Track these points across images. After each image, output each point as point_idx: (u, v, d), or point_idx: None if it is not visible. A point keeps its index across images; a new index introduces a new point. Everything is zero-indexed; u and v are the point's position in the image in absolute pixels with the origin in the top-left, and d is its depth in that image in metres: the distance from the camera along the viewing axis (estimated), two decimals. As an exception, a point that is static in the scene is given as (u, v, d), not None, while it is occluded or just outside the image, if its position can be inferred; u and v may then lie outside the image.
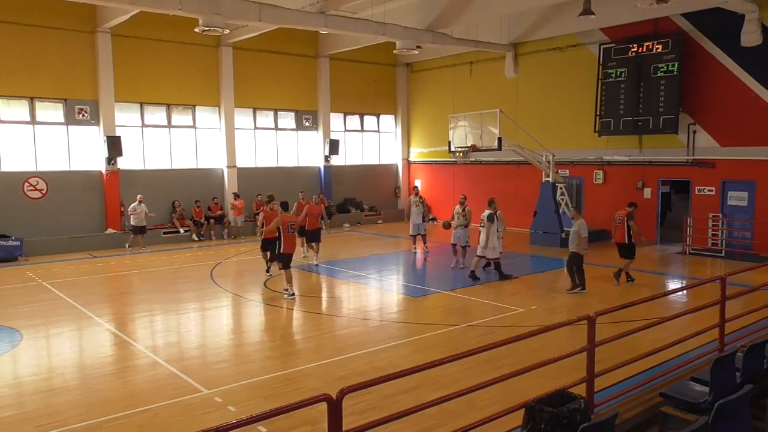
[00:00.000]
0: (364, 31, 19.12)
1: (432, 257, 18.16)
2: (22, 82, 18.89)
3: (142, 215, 19.36)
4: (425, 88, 27.56)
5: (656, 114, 18.78)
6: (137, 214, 19.32)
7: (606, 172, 20.98)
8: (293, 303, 12.52)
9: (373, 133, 28.21)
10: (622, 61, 19.63)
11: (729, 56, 17.63)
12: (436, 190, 27.38)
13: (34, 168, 19.39)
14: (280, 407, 3.75)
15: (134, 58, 20.80)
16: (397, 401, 6.89)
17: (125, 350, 9.68)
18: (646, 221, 19.97)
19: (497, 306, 12.06)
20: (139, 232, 19.50)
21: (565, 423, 4.61)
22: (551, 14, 20.90)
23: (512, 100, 23.08)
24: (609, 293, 13.20)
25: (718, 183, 18.17)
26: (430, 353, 8.79)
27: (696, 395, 5.67)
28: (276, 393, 7.69)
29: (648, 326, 6.87)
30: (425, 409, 4.70)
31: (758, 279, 10.28)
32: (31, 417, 7.06)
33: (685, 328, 8.47)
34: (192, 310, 12.31)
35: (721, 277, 7.53)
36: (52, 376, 8.49)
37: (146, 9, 15.95)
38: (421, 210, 18.33)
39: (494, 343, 5.35)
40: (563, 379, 6.06)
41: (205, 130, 22.92)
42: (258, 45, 22.84)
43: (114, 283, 15.30)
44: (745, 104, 17.40)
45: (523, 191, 22.46)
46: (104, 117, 20.18)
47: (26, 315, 11.72)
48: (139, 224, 19.40)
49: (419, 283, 15.19)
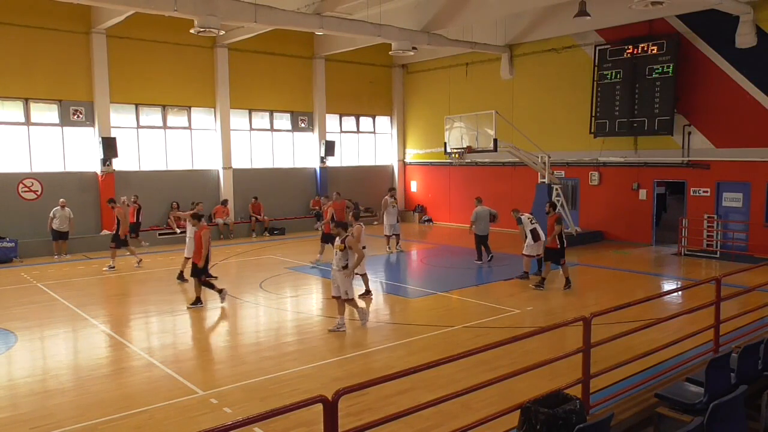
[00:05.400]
0: (359, 33, 19.12)
1: (427, 258, 18.16)
2: (16, 83, 18.83)
3: (66, 221, 18.15)
4: (421, 90, 27.58)
5: (651, 115, 18.83)
6: (59, 219, 18.07)
7: (601, 173, 21.03)
8: (287, 304, 12.49)
9: (369, 135, 28.21)
10: (617, 62, 19.68)
11: (724, 58, 17.69)
12: (432, 191, 27.41)
13: (28, 169, 19.33)
14: (275, 409, 3.74)
15: (129, 59, 20.76)
16: (392, 402, 6.89)
17: (120, 352, 9.64)
18: (641, 222, 20.08)
19: (493, 307, 12.07)
20: (60, 237, 18.27)
21: (560, 424, 4.61)
22: (547, 16, 20.95)
23: (508, 102, 23.12)
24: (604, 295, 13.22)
25: (712, 184, 18.23)
26: (426, 354, 8.80)
27: (691, 396, 5.68)
28: (272, 394, 7.67)
29: (643, 327, 6.88)
30: (421, 410, 4.70)
31: (753, 280, 10.31)
32: (26, 419, 7.03)
33: (680, 329, 8.49)
34: (187, 312, 12.27)
35: (716, 278, 7.55)
36: (46, 378, 8.46)
37: (141, 10, 15.92)
38: (397, 210, 18.79)
39: (490, 344, 5.36)
40: (559, 380, 6.07)
41: (201, 131, 22.89)
42: (253, 46, 22.83)
43: (109, 285, 15.24)
44: (739, 106, 17.47)
45: (519, 192, 22.48)
46: (99, 118, 20.13)
47: (21, 317, 11.68)
48: (60, 229, 18.18)
49: (415, 284, 15.19)
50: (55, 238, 18.37)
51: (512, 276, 14.82)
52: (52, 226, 18.23)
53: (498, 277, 15.11)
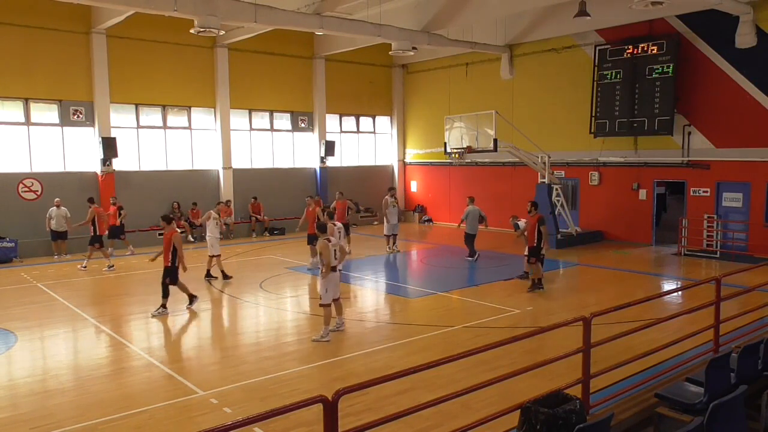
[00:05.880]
0: (359, 33, 19.12)
1: (427, 258, 18.16)
2: (16, 83, 18.83)
3: (62, 220, 18.11)
4: (421, 90, 27.58)
5: (651, 115, 18.83)
6: (56, 219, 18.02)
7: (601, 173, 21.02)
8: (287, 304, 12.48)
9: (369, 135, 28.21)
10: (617, 62, 19.68)
11: (724, 58, 17.69)
12: (432, 191, 27.41)
13: (28, 169, 19.32)
14: (275, 409, 3.74)
15: (129, 59, 20.76)
16: (392, 402, 6.89)
17: (120, 352, 9.64)
18: (641, 222, 20.08)
19: (493, 307, 12.07)
20: (58, 237, 18.24)
21: (560, 424, 4.61)
22: (547, 16, 20.95)
23: (508, 102, 23.11)
24: (604, 295, 13.22)
25: (712, 184, 18.23)
26: (426, 354, 8.80)
27: (691, 396, 5.68)
28: (272, 394, 7.67)
29: (643, 327, 6.88)
30: (421, 410, 4.70)
31: (753, 280, 10.30)
32: (26, 419, 7.03)
33: (680, 329, 8.48)
34: (187, 312, 12.27)
35: (716, 278, 7.55)
36: (46, 378, 8.47)
37: (141, 10, 15.92)
38: (398, 210, 18.89)
39: (490, 344, 5.36)
40: (559, 380, 6.07)
41: (201, 131, 22.88)
42: (253, 46, 22.83)
43: (109, 285, 15.24)
44: (739, 106, 17.46)
45: (519, 192, 22.48)
46: (99, 118, 20.13)
47: (21, 317, 11.68)
48: (57, 229, 18.16)
49: (415, 284, 15.19)
50: (54, 239, 18.34)
51: (512, 276, 14.81)
52: (50, 226, 18.20)
53: (498, 277, 15.11)
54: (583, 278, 15.32)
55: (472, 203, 17.46)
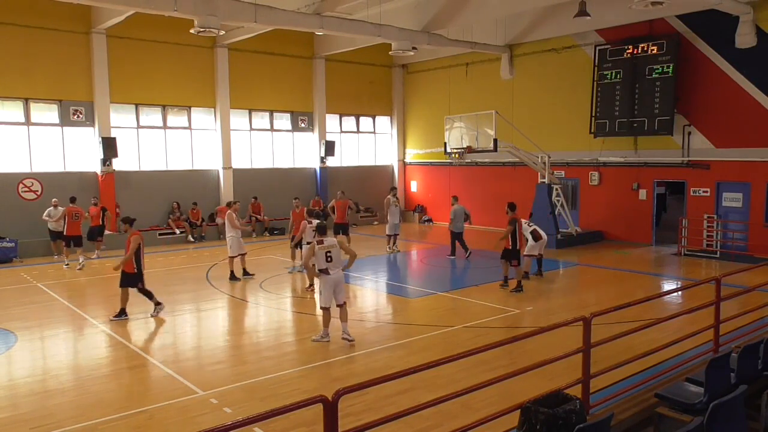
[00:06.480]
0: (359, 33, 19.12)
1: (426, 258, 18.15)
2: (16, 83, 18.83)
3: (61, 220, 17.51)
4: (421, 90, 27.58)
5: (651, 115, 18.84)
6: (54, 219, 17.69)
7: (601, 173, 21.03)
8: (287, 304, 12.47)
9: (369, 135, 28.20)
10: (617, 62, 19.68)
11: (724, 58, 17.69)
12: (432, 191, 27.40)
13: (28, 169, 19.32)
14: (276, 409, 3.74)
15: (129, 59, 20.76)
16: (392, 402, 6.89)
17: (120, 352, 9.64)
18: (641, 222, 20.08)
19: (493, 307, 12.07)
20: (58, 237, 17.72)
21: (560, 424, 4.61)
22: (547, 16, 20.95)
23: (508, 102, 23.11)
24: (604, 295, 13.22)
25: (712, 184, 18.23)
26: (426, 354, 8.81)
27: (691, 396, 5.69)
28: (272, 394, 7.67)
29: (643, 327, 6.88)
30: (421, 410, 4.70)
31: (753, 280, 10.31)
32: (26, 419, 7.03)
33: (680, 329, 8.48)
34: (187, 312, 12.28)
35: (715, 278, 7.55)
36: (46, 378, 8.47)
37: (141, 10, 15.92)
38: (399, 210, 18.98)
39: (490, 344, 5.36)
40: (559, 380, 6.07)
41: (201, 131, 22.89)
42: (253, 46, 22.82)
43: (109, 285, 15.22)
44: (739, 106, 17.46)
45: (519, 192, 22.45)
46: (99, 118, 20.13)
47: (21, 317, 11.67)
48: (56, 229, 17.72)
49: (415, 284, 15.19)
50: (54, 239, 18.23)
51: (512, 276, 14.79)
52: (48, 226, 18.17)
53: (498, 277, 15.06)
54: (583, 278, 15.32)
55: (456, 202, 17.66)
